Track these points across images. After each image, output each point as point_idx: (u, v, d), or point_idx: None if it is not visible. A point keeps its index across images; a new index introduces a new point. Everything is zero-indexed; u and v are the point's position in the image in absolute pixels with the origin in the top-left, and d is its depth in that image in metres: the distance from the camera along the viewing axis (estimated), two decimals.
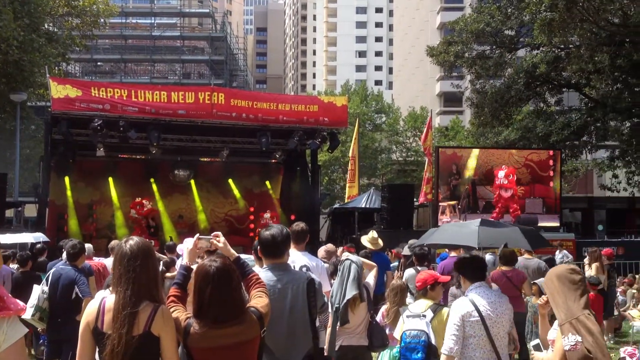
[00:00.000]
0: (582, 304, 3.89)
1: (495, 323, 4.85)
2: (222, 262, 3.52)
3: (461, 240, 6.73)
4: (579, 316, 3.83)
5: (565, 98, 28.03)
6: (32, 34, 24.05)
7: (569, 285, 3.93)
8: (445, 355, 4.85)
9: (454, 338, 4.82)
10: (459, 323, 4.83)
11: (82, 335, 3.34)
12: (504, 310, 4.95)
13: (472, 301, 4.89)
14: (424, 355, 5.21)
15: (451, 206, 18.25)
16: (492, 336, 4.80)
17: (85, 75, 51.34)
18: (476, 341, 4.81)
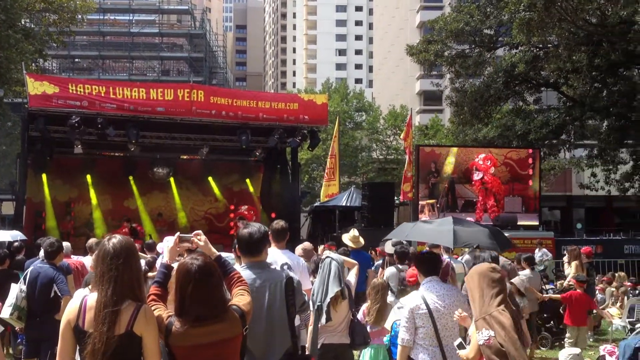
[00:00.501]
0: (498, 301, 4.06)
1: (443, 315, 5.22)
2: (204, 260, 3.50)
3: (437, 239, 6.91)
4: (493, 312, 4.00)
5: (544, 97, 28.24)
6: (9, 30, 23.72)
7: (487, 282, 4.13)
8: (401, 345, 5.32)
9: (405, 329, 5.29)
10: (409, 315, 5.28)
11: (62, 333, 3.31)
12: (453, 302, 5.27)
13: (422, 295, 5.30)
14: None
15: (430, 205, 18.29)
16: (439, 327, 5.19)
17: (63, 72, 50.78)
18: (424, 331, 5.22)
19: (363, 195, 20.65)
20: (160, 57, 54.43)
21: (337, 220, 22.25)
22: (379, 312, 6.94)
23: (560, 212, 31.57)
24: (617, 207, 31.84)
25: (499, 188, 18.35)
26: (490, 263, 7.52)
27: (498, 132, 25.04)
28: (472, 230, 6.92)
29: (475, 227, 7.15)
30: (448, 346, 5.16)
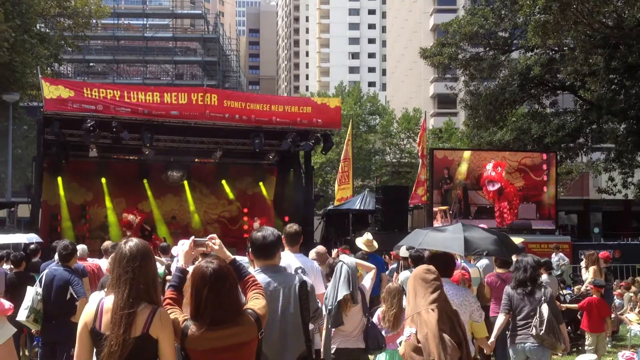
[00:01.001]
0: (430, 300, 4.23)
1: None
2: (219, 264, 3.48)
3: (449, 247, 6.87)
4: (420, 310, 4.19)
5: (560, 100, 28.05)
6: (24, 35, 23.91)
7: (420, 282, 4.35)
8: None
9: None
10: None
11: (79, 336, 3.30)
12: (462, 302, 5.64)
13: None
14: None
15: (442, 211, 18.18)
16: None
17: (78, 76, 51.12)
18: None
19: (377, 199, 20.59)
20: (173, 61, 54.65)
21: (351, 224, 22.20)
22: (395, 317, 6.89)
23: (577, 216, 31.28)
24: (635, 211, 31.48)
25: (515, 195, 18.20)
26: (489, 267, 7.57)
27: (513, 136, 24.89)
28: (482, 237, 7.01)
29: (485, 234, 7.20)
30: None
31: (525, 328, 6.64)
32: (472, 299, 5.88)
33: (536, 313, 6.56)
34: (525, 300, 6.74)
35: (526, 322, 6.64)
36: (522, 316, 6.72)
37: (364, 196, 24.10)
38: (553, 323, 6.50)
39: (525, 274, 6.82)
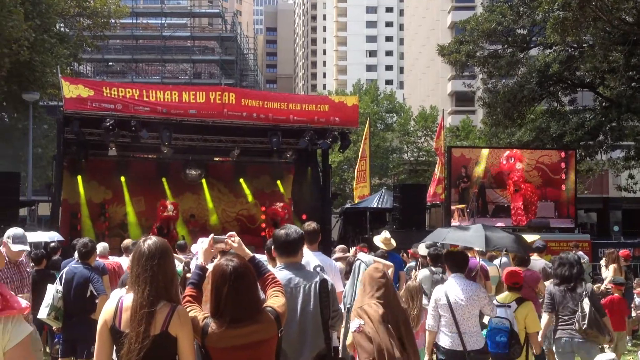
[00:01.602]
0: (376, 296, 4.53)
1: (462, 307, 6.04)
2: (238, 262, 3.50)
3: (471, 242, 7.35)
4: (364, 305, 4.47)
5: (580, 97, 27.79)
6: (44, 35, 24.14)
7: (369, 280, 4.67)
8: (428, 330, 6.28)
9: (431, 317, 6.24)
10: (434, 305, 6.22)
11: (99, 334, 3.33)
12: (471, 296, 6.07)
13: (445, 289, 6.19)
14: (506, 339, 6.19)
15: (460, 210, 18.11)
16: (458, 317, 6.01)
17: (97, 75, 51.56)
18: (445, 320, 6.11)
19: (394, 197, 20.55)
20: (191, 60, 54.94)
21: (368, 222, 22.18)
22: (416, 316, 6.90)
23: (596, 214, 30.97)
24: None
25: (533, 193, 18.07)
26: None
27: (532, 136, 24.71)
28: (501, 236, 7.37)
29: (502, 233, 7.56)
30: (466, 333, 5.98)
31: (569, 324, 6.74)
32: (483, 293, 6.25)
33: (579, 308, 6.65)
34: (567, 296, 6.83)
35: (570, 318, 6.74)
36: (565, 312, 6.81)
37: (382, 194, 24.07)
38: (595, 317, 6.58)
39: (572, 271, 6.91)
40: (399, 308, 4.78)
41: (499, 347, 6.21)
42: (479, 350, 6.06)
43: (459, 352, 5.99)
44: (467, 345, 5.98)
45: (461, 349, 5.98)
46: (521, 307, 6.58)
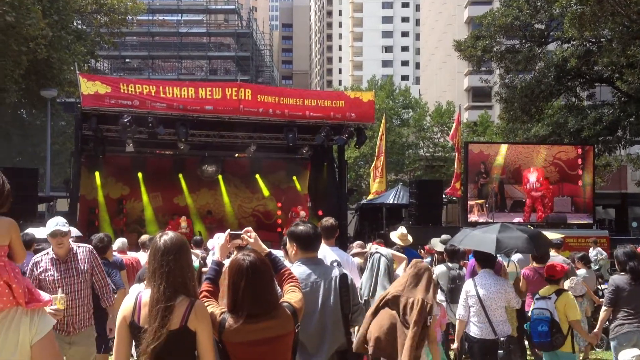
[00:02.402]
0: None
1: (489, 299, 6.54)
2: (255, 257, 3.51)
3: (480, 246, 7.47)
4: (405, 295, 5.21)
5: (597, 92, 27.55)
6: (61, 32, 24.33)
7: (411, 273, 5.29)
8: (458, 319, 6.75)
9: (462, 307, 6.70)
10: (464, 297, 6.69)
11: (118, 329, 3.35)
12: (498, 290, 6.60)
13: (474, 283, 6.71)
14: (547, 328, 6.49)
15: (479, 205, 18.09)
16: (486, 308, 6.50)
17: (114, 72, 51.88)
18: (474, 310, 6.58)
19: (411, 193, 20.51)
20: (207, 56, 55.08)
21: (385, 218, 22.16)
22: None
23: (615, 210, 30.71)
24: None
25: (548, 190, 18.00)
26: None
27: (550, 130, 24.54)
28: (513, 236, 7.58)
29: (517, 233, 7.67)
30: (494, 322, 6.47)
31: (636, 317, 6.73)
32: (510, 288, 6.80)
33: None
34: (635, 289, 6.83)
35: (636, 312, 6.74)
36: (632, 305, 6.78)
37: (398, 190, 24.03)
38: None
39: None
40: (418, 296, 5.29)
41: (541, 336, 6.54)
42: (509, 335, 6.59)
43: (489, 340, 6.48)
44: (497, 332, 6.47)
45: (492, 337, 6.47)
46: (560, 297, 6.82)
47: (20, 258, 2.89)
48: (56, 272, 5.82)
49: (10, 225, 2.89)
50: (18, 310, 2.73)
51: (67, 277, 5.90)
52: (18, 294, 2.70)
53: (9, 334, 2.69)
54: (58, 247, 5.90)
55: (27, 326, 2.75)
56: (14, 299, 2.70)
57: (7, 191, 2.90)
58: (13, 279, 2.70)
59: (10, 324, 2.70)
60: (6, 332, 2.68)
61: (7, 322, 2.70)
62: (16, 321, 2.72)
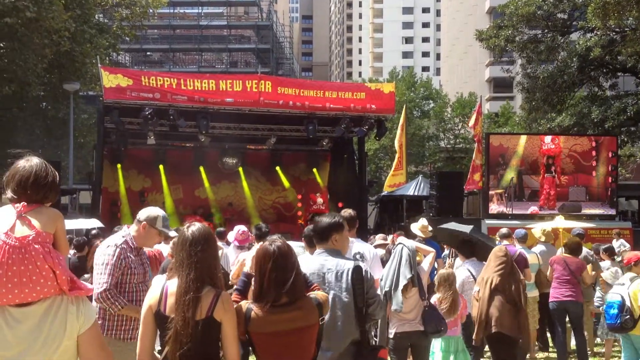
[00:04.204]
0: (496, 270, 6.70)
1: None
2: (282, 242, 3.56)
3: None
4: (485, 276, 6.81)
5: (621, 82, 27.18)
6: (84, 25, 24.50)
7: (494, 257, 6.83)
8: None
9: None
10: (461, 282, 7.48)
11: (144, 318, 3.39)
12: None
13: (468, 269, 7.68)
14: (618, 311, 6.74)
15: (498, 194, 18.08)
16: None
17: (135, 65, 52.18)
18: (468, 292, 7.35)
19: (431, 185, 20.41)
20: (228, 49, 55.19)
21: (405, 210, 22.10)
22: (452, 302, 6.88)
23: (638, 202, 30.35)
24: None
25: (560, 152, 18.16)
26: None
27: (573, 121, 24.28)
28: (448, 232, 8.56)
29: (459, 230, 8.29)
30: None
31: None
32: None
33: None
34: None
35: None
36: None
37: (418, 182, 23.92)
38: None
39: None
40: (514, 280, 6.72)
41: (612, 318, 6.81)
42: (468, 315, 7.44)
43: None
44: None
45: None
46: (633, 284, 6.98)
47: (64, 251, 2.92)
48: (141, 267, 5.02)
49: (57, 215, 2.93)
50: (64, 300, 2.74)
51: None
52: (62, 281, 2.72)
53: (54, 323, 2.69)
54: (154, 242, 5.35)
55: (75, 315, 2.74)
56: (58, 285, 2.71)
57: (49, 183, 2.91)
58: (57, 265, 2.72)
59: (56, 314, 2.70)
60: (52, 322, 2.68)
61: (52, 312, 2.70)
62: (62, 310, 2.71)
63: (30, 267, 2.66)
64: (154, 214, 4.93)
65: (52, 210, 2.91)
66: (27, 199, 2.85)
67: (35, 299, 2.68)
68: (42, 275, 2.68)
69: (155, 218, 4.91)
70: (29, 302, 2.67)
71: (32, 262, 2.67)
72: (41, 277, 2.68)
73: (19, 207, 2.82)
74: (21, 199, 2.85)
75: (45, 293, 2.69)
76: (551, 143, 18.23)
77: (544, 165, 18.05)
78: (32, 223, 2.78)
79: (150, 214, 4.92)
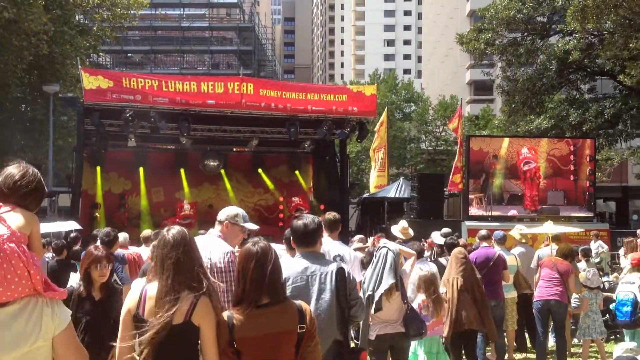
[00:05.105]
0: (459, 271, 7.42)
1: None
2: (266, 244, 3.57)
3: None
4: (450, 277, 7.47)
5: (599, 85, 27.51)
6: (64, 26, 24.29)
7: (454, 259, 7.55)
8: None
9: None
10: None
11: (123, 322, 3.37)
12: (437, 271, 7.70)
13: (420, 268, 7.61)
14: (632, 309, 7.10)
15: (478, 198, 18.22)
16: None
17: (116, 66, 51.85)
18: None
19: (412, 187, 20.51)
20: (210, 50, 55.07)
21: (386, 212, 22.16)
22: (435, 304, 6.94)
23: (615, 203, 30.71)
24: None
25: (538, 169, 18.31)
26: None
27: (551, 123, 24.52)
28: None
29: None
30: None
31: None
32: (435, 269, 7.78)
33: None
34: None
35: None
36: None
37: (399, 184, 24.01)
38: None
39: None
40: (474, 279, 7.43)
41: (626, 315, 7.19)
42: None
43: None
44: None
45: None
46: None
47: (38, 253, 2.92)
48: None
49: (32, 218, 2.94)
50: (39, 301, 2.73)
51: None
52: (36, 280, 2.71)
53: (29, 323, 2.67)
54: (239, 239, 5.37)
55: (50, 317, 2.72)
56: (32, 284, 2.71)
57: (31, 188, 2.94)
58: (32, 265, 2.71)
59: (31, 315, 2.69)
60: (26, 322, 2.67)
61: (27, 312, 2.68)
62: (37, 311, 2.70)
63: (4, 266, 2.65)
64: (233, 212, 5.12)
65: (28, 213, 2.92)
66: (4, 200, 2.87)
67: (10, 299, 2.66)
68: (17, 274, 2.67)
69: (235, 215, 5.09)
70: (4, 302, 2.66)
71: (7, 261, 2.66)
72: (16, 276, 2.66)
73: None
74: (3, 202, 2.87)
75: (20, 292, 2.67)
76: (528, 152, 18.38)
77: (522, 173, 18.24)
78: (7, 223, 2.78)
79: (230, 212, 5.10)
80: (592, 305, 9.10)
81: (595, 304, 9.17)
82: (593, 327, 9.07)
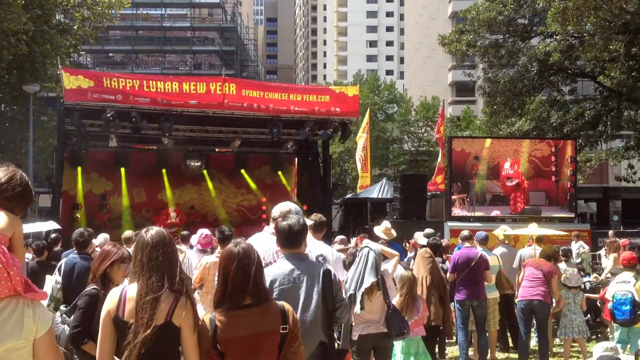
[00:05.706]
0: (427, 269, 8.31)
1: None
2: (247, 245, 3.55)
3: None
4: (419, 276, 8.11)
5: (580, 87, 27.76)
6: (44, 26, 24.04)
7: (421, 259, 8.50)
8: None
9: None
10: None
11: (102, 324, 3.33)
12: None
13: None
14: (631, 307, 7.28)
15: (460, 199, 18.31)
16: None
17: (97, 66, 51.47)
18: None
19: (395, 187, 20.56)
20: (192, 50, 54.86)
21: (369, 213, 22.20)
22: (409, 304, 6.95)
23: (596, 204, 31.04)
24: None
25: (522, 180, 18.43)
26: None
27: (532, 125, 24.71)
28: None
29: None
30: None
31: None
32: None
33: None
34: None
35: None
36: None
37: (382, 185, 24.06)
38: None
39: None
40: (440, 277, 8.28)
41: (625, 314, 7.36)
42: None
43: None
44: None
45: None
46: (638, 281, 7.60)
47: (20, 256, 2.89)
48: None
49: (15, 220, 2.90)
50: (20, 302, 2.70)
51: None
52: (16, 281, 2.67)
53: (9, 323, 2.64)
54: None
55: (31, 319, 2.70)
56: (12, 285, 2.67)
57: (17, 192, 2.92)
58: (11, 266, 2.68)
59: (11, 315, 2.65)
60: (5, 321, 2.64)
61: (6, 313, 2.65)
62: (18, 312, 2.67)
63: None
64: (286, 208, 5.27)
65: (12, 215, 2.89)
66: None
67: None
68: None
69: (288, 212, 5.20)
70: None
71: None
72: None
73: None
74: None
75: (0, 293, 2.64)
76: (510, 169, 18.49)
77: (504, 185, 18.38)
78: None
79: (283, 209, 5.25)
80: (569, 305, 9.15)
81: (574, 304, 9.21)
82: (570, 326, 9.11)
